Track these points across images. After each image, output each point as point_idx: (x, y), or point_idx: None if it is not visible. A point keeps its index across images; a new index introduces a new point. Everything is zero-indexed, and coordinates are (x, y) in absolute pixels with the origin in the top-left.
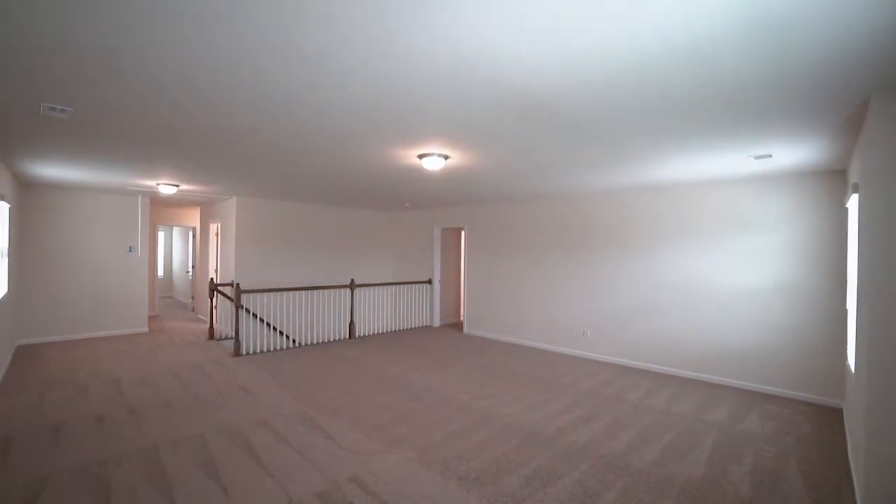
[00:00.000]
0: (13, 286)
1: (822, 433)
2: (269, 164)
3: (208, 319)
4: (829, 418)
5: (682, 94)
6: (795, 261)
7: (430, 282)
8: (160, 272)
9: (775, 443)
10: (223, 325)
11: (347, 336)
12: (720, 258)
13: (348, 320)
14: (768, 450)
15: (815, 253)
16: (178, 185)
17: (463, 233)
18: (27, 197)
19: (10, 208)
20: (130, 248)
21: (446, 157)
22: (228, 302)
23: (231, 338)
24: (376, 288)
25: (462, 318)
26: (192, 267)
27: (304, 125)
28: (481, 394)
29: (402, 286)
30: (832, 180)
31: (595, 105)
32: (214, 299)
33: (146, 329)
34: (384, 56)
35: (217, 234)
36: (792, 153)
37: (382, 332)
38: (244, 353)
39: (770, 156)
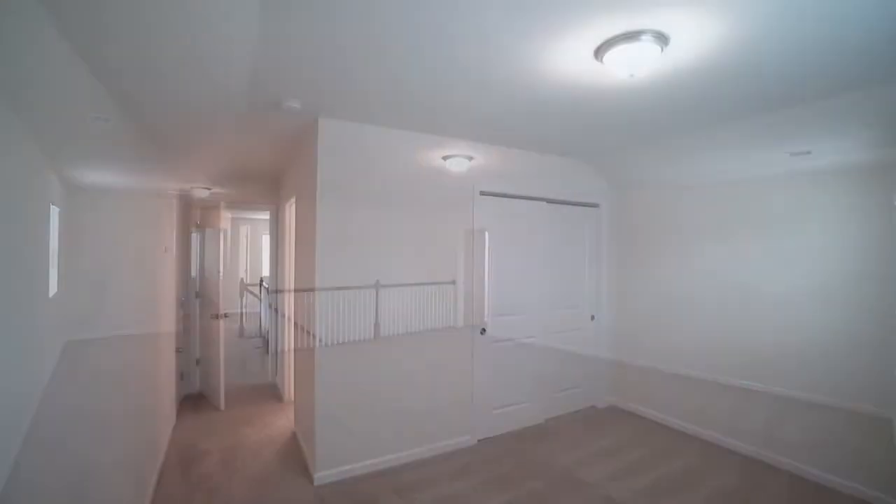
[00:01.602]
0: (62, 286)
1: None
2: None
3: (238, 318)
4: None
5: (729, 92)
6: (852, 260)
7: (453, 282)
8: (193, 272)
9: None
10: (252, 324)
11: (373, 336)
12: (758, 261)
13: (373, 320)
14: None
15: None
16: (210, 189)
17: (487, 234)
18: (73, 201)
19: (59, 212)
20: (166, 248)
21: (470, 159)
22: (257, 301)
23: (260, 336)
24: (400, 288)
25: (486, 320)
26: (223, 267)
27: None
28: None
29: (425, 287)
30: None
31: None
32: (244, 299)
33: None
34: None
35: (246, 236)
36: (841, 147)
37: (407, 333)
38: (272, 350)
39: (809, 152)
